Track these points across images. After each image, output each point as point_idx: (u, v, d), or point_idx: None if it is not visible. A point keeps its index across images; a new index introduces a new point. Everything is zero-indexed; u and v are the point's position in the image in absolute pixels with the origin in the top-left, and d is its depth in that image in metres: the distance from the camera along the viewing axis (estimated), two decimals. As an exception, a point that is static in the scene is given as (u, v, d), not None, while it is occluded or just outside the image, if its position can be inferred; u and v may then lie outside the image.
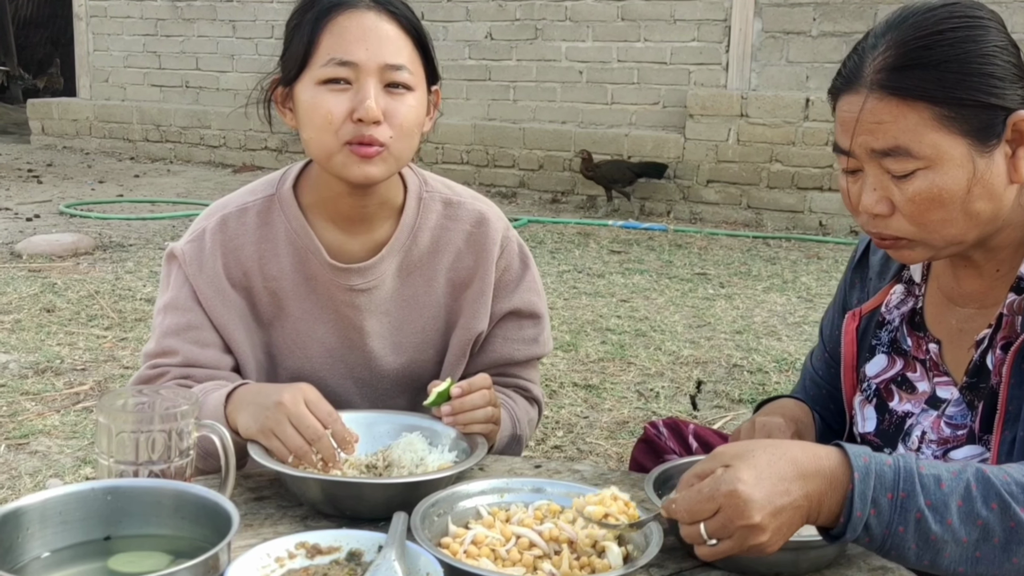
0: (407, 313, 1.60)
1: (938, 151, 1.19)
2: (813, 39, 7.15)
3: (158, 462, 1.15)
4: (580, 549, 1.15)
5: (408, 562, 1.03)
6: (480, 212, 1.62)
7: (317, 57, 1.43)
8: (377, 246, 1.57)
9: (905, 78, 1.19)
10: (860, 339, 1.46)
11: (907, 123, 1.19)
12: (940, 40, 1.20)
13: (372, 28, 1.42)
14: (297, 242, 1.54)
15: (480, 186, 8.08)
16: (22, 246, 5.69)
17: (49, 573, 1.00)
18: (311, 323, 1.57)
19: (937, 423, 1.35)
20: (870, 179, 1.24)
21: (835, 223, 7.09)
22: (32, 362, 3.82)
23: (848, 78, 1.26)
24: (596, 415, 3.52)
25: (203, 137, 9.72)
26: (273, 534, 1.19)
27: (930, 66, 1.19)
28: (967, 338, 1.35)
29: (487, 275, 1.61)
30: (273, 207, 1.56)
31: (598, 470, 1.48)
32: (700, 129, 7.42)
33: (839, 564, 1.21)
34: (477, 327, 1.61)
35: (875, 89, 1.21)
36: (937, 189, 1.20)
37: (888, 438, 1.41)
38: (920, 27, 1.21)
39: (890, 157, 1.21)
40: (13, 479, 2.86)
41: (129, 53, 10.14)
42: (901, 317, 1.43)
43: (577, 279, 5.50)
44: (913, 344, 1.41)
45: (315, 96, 1.43)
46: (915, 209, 1.22)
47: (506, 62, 8.26)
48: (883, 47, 1.22)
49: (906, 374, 1.41)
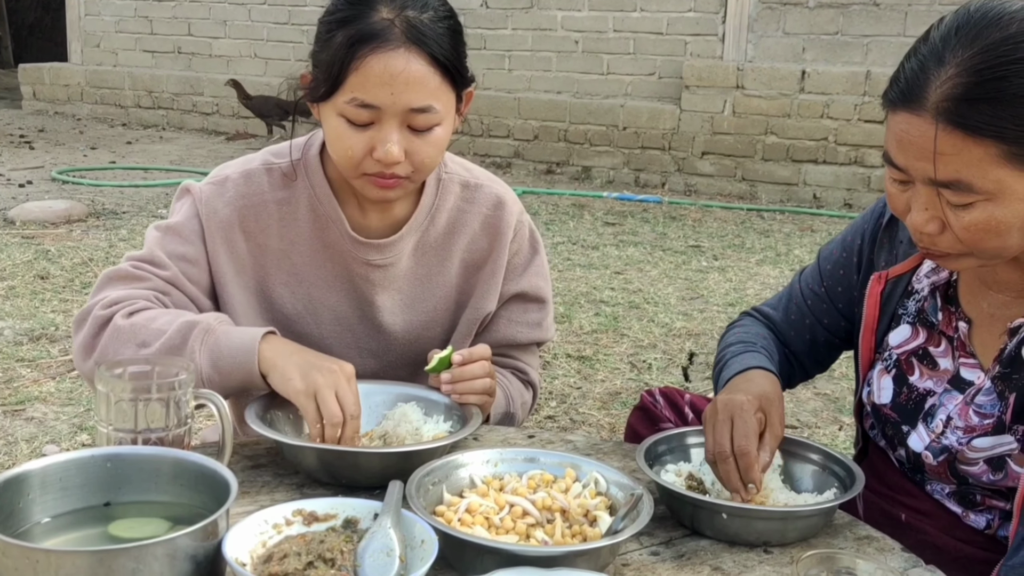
0: (420, 291, 1.61)
1: (1001, 186, 1.12)
2: (810, 10, 7.11)
3: (157, 430, 1.16)
4: (572, 518, 1.17)
5: (403, 529, 1.05)
6: (498, 196, 1.63)
7: (342, 92, 1.39)
8: (395, 223, 1.58)
9: (976, 112, 1.09)
10: (883, 303, 1.44)
11: (971, 157, 1.11)
12: (1018, 71, 1.09)
13: (401, 71, 1.37)
14: (319, 209, 1.55)
15: (474, 156, 8.05)
16: (15, 212, 5.67)
17: (50, 538, 1.01)
18: (324, 290, 1.58)
19: (965, 410, 1.33)
20: (922, 198, 1.18)
21: (829, 196, 7.10)
22: (27, 329, 3.83)
23: (908, 94, 1.15)
24: (589, 386, 3.54)
25: (196, 104, 9.66)
26: (270, 501, 1.21)
27: (1004, 101, 1.09)
28: (998, 324, 1.33)
29: (500, 257, 1.63)
30: (298, 172, 1.56)
31: (591, 440, 1.50)
32: (695, 100, 7.40)
33: (825, 533, 1.23)
34: (486, 307, 1.63)
35: (940, 118, 1.11)
36: (995, 221, 1.14)
37: (907, 414, 1.40)
38: (996, 53, 1.10)
39: (949, 189, 1.14)
40: (10, 445, 2.88)
41: (121, 18, 10.04)
42: (932, 287, 1.39)
43: (571, 251, 5.51)
44: (944, 318, 1.38)
45: (338, 128, 1.42)
46: (970, 236, 1.16)
47: (501, 31, 8.20)
48: (952, 69, 1.11)
49: (928, 348, 1.39)
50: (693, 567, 1.14)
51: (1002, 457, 1.30)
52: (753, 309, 1.66)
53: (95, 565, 0.89)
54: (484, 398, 1.45)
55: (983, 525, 1.37)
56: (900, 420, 1.41)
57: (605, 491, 1.22)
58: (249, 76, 9.29)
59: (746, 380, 1.39)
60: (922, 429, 1.38)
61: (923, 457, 1.37)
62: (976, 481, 1.33)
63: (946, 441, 1.35)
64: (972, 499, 1.38)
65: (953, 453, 1.34)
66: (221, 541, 0.97)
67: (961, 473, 1.34)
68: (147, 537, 0.93)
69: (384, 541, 1.02)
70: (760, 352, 1.50)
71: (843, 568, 0.98)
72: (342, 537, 1.04)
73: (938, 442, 1.35)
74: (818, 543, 1.20)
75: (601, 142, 7.80)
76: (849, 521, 1.27)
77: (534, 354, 1.74)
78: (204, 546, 0.95)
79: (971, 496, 1.38)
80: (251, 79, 9.22)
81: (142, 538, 0.94)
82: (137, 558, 0.90)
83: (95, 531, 1.03)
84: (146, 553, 0.90)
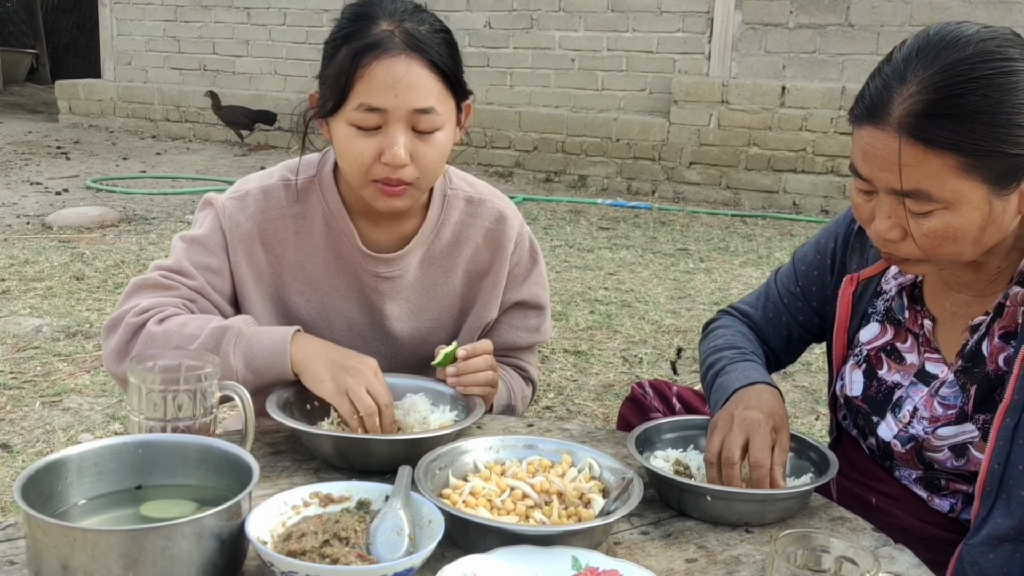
0: (426, 300, 1.61)
1: (958, 195, 1.12)
2: (790, 31, 7.11)
3: (184, 419, 1.16)
4: (568, 500, 1.17)
5: (412, 510, 1.05)
6: (499, 210, 1.62)
7: (350, 101, 1.39)
8: (403, 237, 1.57)
9: (935, 127, 1.10)
10: (855, 303, 1.44)
11: (931, 168, 1.11)
12: (973, 89, 1.09)
13: (403, 75, 1.37)
14: (333, 223, 1.54)
15: (478, 166, 8.05)
16: (52, 218, 5.67)
17: (86, 518, 1.02)
18: (338, 298, 1.57)
19: (930, 402, 1.34)
20: (885, 207, 1.18)
21: (807, 203, 7.09)
22: (63, 326, 3.83)
23: (873, 111, 1.15)
24: (584, 379, 3.54)
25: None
26: (289, 485, 1.21)
27: (960, 117, 1.09)
28: (960, 321, 1.33)
29: (501, 268, 1.62)
30: (313, 188, 1.55)
31: (586, 428, 1.50)
32: (684, 114, 7.39)
33: (802, 514, 1.23)
34: (488, 315, 1.63)
35: (902, 132, 1.12)
36: (952, 229, 1.15)
37: (876, 405, 1.40)
38: (953, 72, 1.10)
39: (910, 198, 1.14)
40: (48, 433, 2.89)
41: (151, 38, 10.04)
42: (899, 287, 1.40)
43: (568, 253, 5.51)
44: (910, 316, 1.38)
45: (347, 136, 1.41)
46: (928, 243, 1.17)
47: (503, 50, 8.20)
48: (913, 87, 1.12)
49: (896, 344, 1.40)
50: (680, 545, 1.14)
51: (964, 444, 1.31)
52: (731, 307, 1.65)
53: (128, 543, 0.89)
54: (487, 390, 1.45)
55: (947, 509, 1.38)
56: (870, 411, 1.41)
57: (599, 475, 1.22)
58: (269, 92, 9.30)
59: (757, 396, 1.34)
60: (891, 419, 1.38)
61: (892, 445, 1.37)
62: (941, 467, 1.34)
63: (913, 430, 1.35)
64: (937, 484, 1.38)
65: (920, 441, 1.34)
66: (244, 521, 0.98)
67: (927, 460, 1.34)
68: (176, 517, 0.93)
69: (395, 521, 1.03)
70: (755, 360, 1.48)
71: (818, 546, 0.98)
72: (356, 517, 1.04)
73: (905, 431, 1.36)
74: (795, 523, 1.21)
75: (596, 153, 7.80)
76: (824, 503, 1.28)
77: (533, 353, 1.74)
78: (228, 525, 0.96)
79: (936, 481, 1.38)
80: (271, 95, 9.23)
81: (171, 518, 0.94)
82: (167, 536, 0.90)
83: (128, 512, 1.04)
84: (175, 532, 0.91)
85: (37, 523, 0.90)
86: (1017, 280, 1.26)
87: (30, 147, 8.88)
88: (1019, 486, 1.21)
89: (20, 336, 3.70)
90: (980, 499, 1.24)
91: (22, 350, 3.56)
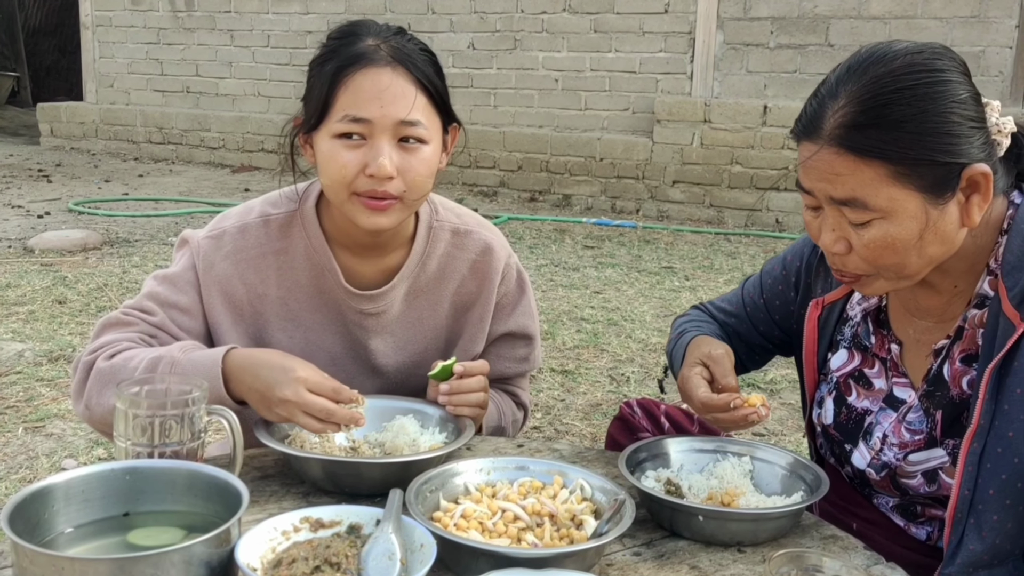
0: (411, 333, 1.59)
1: (893, 204, 1.15)
2: (771, 51, 7.18)
3: (172, 444, 1.15)
4: (560, 522, 1.17)
5: (404, 534, 1.04)
6: (486, 242, 1.60)
7: (334, 112, 1.38)
8: (388, 271, 1.55)
9: (863, 137, 1.13)
10: (821, 328, 1.46)
11: (863, 177, 1.14)
12: (898, 99, 1.13)
13: (388, 86, 1.37)
14: (315, 259, 1.52)
15: (463, 186, 8.06)
16: (34, 241, 5.63)
17: (73, 546, 1.01)
18: (320, 333, 1.55)
19: (898, 428, 1.34)
20: (829, 220, 1.21)
21: (790, 220, 7.14)
22: (46, 350, 3.80)
23: (808, 126, 1.19)
24: (572, 398, 3.54)
25: (203, 139, 9.64)
26: (278, 510, 1.20)
27: (887, 126, 1.13)
28: (924, 347, 1.34)
29: (488, 301, 1.61)
30: (295, 223, 1.53)
31: (575, 448, 1.50)
32: (667, 133, 7.44)
33: (794, 533, 1.23)
34: (474, 348, 1.62)
35: (833, 143, 1.15)
36: (891, 238, 1.17)
37: (848, 433, 1.41)
38: (880, 83, 1.14)
39: (847, 207, 1.17)
40: (31, 459, 2.85)
41: (133, 60, 10.03)
42: (864, 313, 1.41)
43: (554, 272, 5.52)
44: (876, 342, 1.39)
45: (331, 149, 1.39)
46: (870, 254, 1.19)
47: (487, 70, 8.24)
48: (843, 100, 1.15)
49: (863, 370, 1.40)
50: (672, 566, 1.14)
51: (935, 470, 1.31)
52: (702, 304, 1.73)
53: (116, 572, 0.88)
54: (477, 411, 1.44)
55: (924, 537, 1.38)
56: (843, 439, 1.41)
57: (590, 496, 1.22)
58: (253, 113, 9.29)
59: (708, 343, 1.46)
60: (863, 447, 1.38)
61: (867, 473, 1.38)
62: (915, 493, 1.34)
63: (884, 458, 1.35)
64: (913, 511, 1.38)
65: (892, 468, 1.34)
66: (234, 547, 0.97)
67: (902, 486, 1.35)
68: (164, 545, 0.93)
69: (386, 545, 1.02)
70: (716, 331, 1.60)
71: (811, 566, 0.98)
72: (347, 542, 1.04)
73: (878, 459, 1.36)
74: (788, 543, 1.20)
75: (580, 172, 7.83)
76: (815, 522, 1.28)
77: (524, 379, 1.73)
78: (218, 552, 0.95)
79: (912, 508, 1.38)
80: (255, 116, 9.21)
81: (160, 546, 0.94)
82: (155, 564, 0.89)
83: (115, 540, 1.03)
84: (164, 560, 0.90)
85: (24, 552, 0.89)
86: (975, 303, 1.27)
87: (11, 170, 8.82)
88: (989, 511, 1.20)
89: (2, 361, 3.66)
90: (951, 526, 1.24)
91: (4, 375, 3.52)
